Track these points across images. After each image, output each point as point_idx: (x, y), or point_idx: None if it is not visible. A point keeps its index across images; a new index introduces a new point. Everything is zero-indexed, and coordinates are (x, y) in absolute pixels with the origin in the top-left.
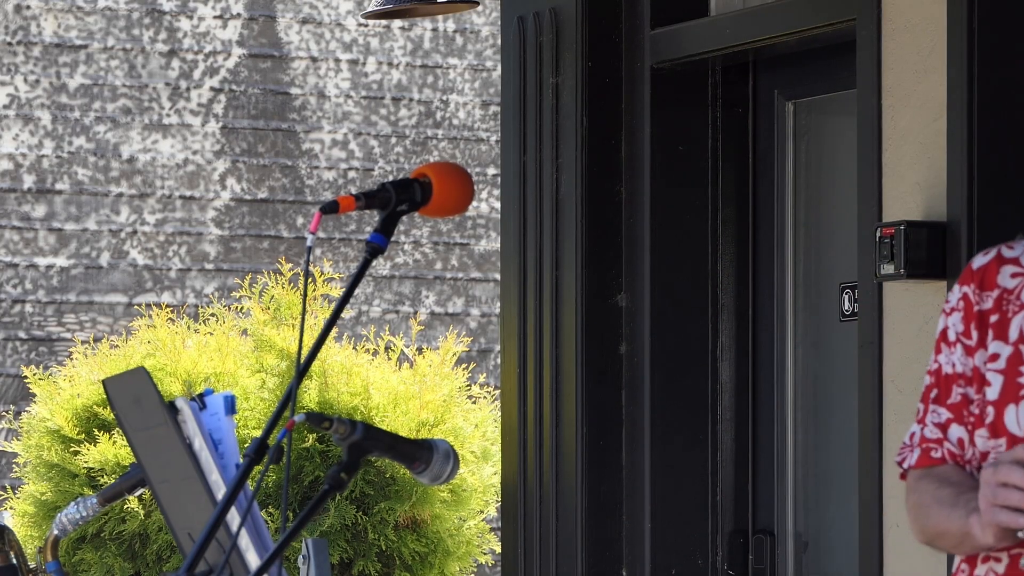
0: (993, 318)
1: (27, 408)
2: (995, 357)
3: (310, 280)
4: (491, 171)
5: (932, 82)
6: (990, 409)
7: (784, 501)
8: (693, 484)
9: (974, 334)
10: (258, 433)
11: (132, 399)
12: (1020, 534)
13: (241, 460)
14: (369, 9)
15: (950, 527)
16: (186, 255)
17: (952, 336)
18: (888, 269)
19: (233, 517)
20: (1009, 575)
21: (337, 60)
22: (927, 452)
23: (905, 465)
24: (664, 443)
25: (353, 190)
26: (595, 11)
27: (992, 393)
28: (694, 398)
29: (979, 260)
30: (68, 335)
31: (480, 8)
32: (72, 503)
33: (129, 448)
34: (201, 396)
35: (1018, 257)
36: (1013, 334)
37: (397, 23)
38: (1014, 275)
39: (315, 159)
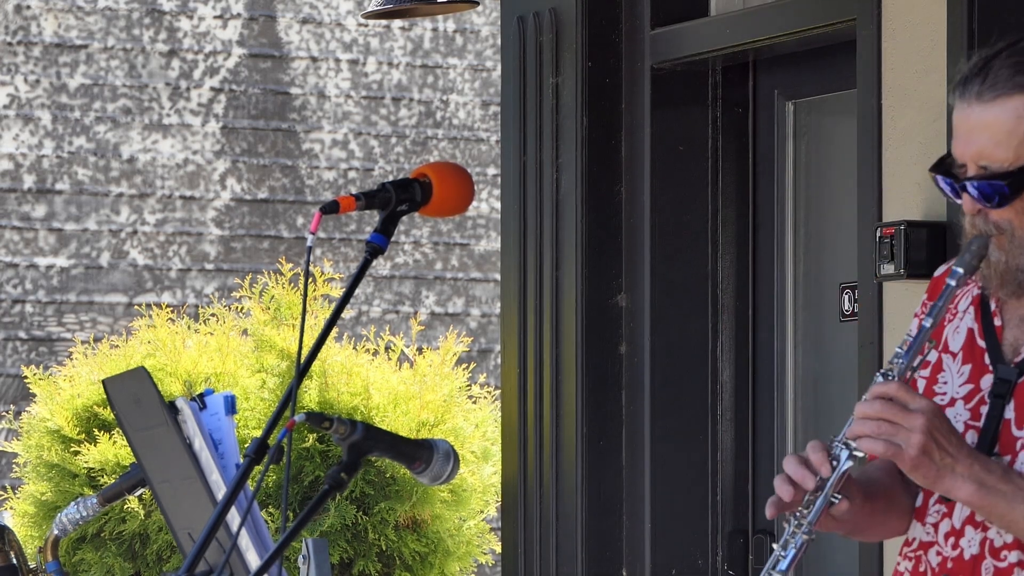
0: None
1: (27, 408)
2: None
3: (310, 280)
4: (491, 171)
5: (932, 82)
6: None
7: None
8: (693, 484)
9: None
10: (258, 433)
11: (132, 399)
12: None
13: (241, 460)
14: (369, 9)
15: None
16: (186, 255)
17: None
18: (888, 269)
19: (233, 517)
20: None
21: (337, 60)
22: None
23: None
24: (664, 443)
25: (353, 190)
26: (595, 11)
27: None
28: (694, 398)
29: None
30: (68, 335)
31: (480, 8)
32: (72, 503)
33: (129, 448)
34: (201, 396)
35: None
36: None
37: (397, 23)
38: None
39: (315, 159)
